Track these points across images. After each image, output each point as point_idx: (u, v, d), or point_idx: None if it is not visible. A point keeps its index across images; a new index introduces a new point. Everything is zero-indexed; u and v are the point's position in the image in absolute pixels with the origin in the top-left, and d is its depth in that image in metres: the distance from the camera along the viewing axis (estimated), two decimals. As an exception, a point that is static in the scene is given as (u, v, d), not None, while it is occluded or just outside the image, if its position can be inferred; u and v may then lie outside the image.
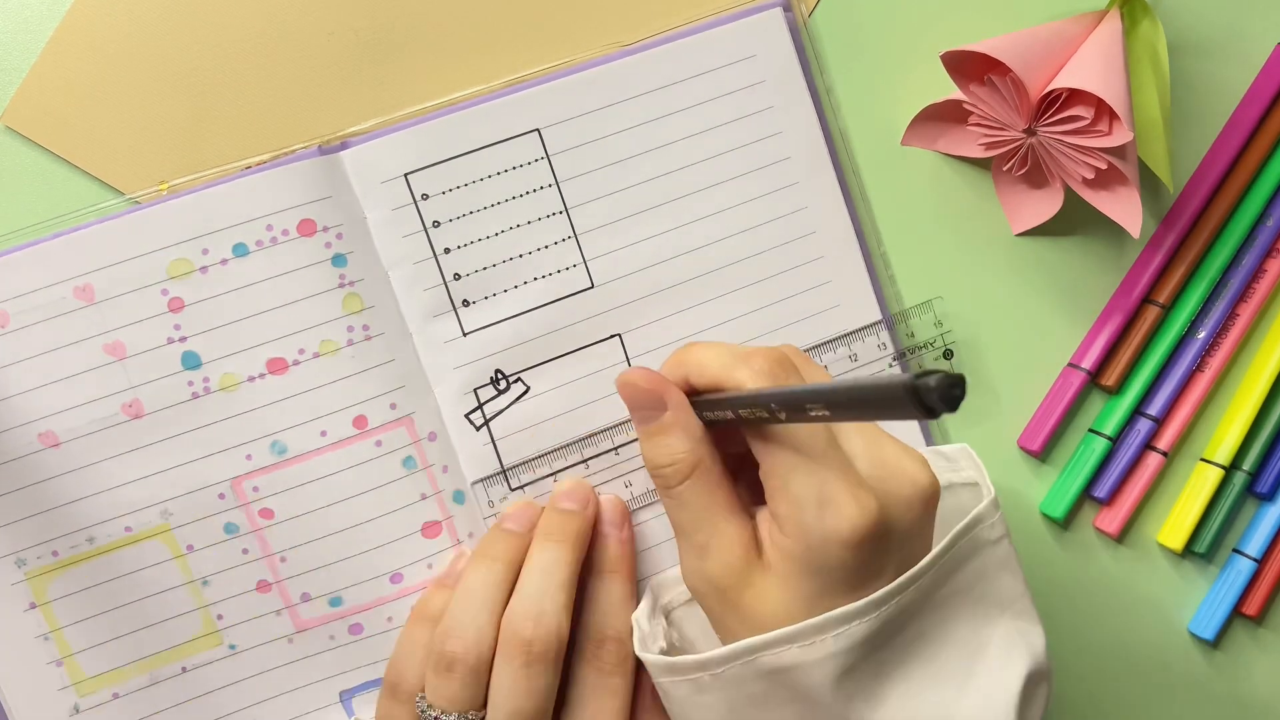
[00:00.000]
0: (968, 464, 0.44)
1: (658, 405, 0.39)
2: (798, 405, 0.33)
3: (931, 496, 0.37)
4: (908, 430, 0.47)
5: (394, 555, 0.44)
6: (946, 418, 0.48)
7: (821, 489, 0.35)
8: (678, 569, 0.45)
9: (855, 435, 0.37)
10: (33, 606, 0.43)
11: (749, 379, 0.37)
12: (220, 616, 0.44)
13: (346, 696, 0.44)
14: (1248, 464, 0.49)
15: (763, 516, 0.38)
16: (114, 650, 0.43)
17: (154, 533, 0.43)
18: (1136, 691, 0.50)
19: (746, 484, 0.40)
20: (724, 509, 0.38)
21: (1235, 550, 0.49)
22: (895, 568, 0.37)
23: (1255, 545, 0.49)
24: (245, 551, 0.43)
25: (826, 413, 0.32)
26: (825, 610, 0.36)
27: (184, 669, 0.44)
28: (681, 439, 0.39)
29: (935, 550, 0.38)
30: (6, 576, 0.43)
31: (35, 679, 0.43)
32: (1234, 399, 0.49)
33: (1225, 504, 0.49)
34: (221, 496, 0.43)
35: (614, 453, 0.46)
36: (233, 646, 0.44)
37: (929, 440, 0.48)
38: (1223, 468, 0.49)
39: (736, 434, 0.38)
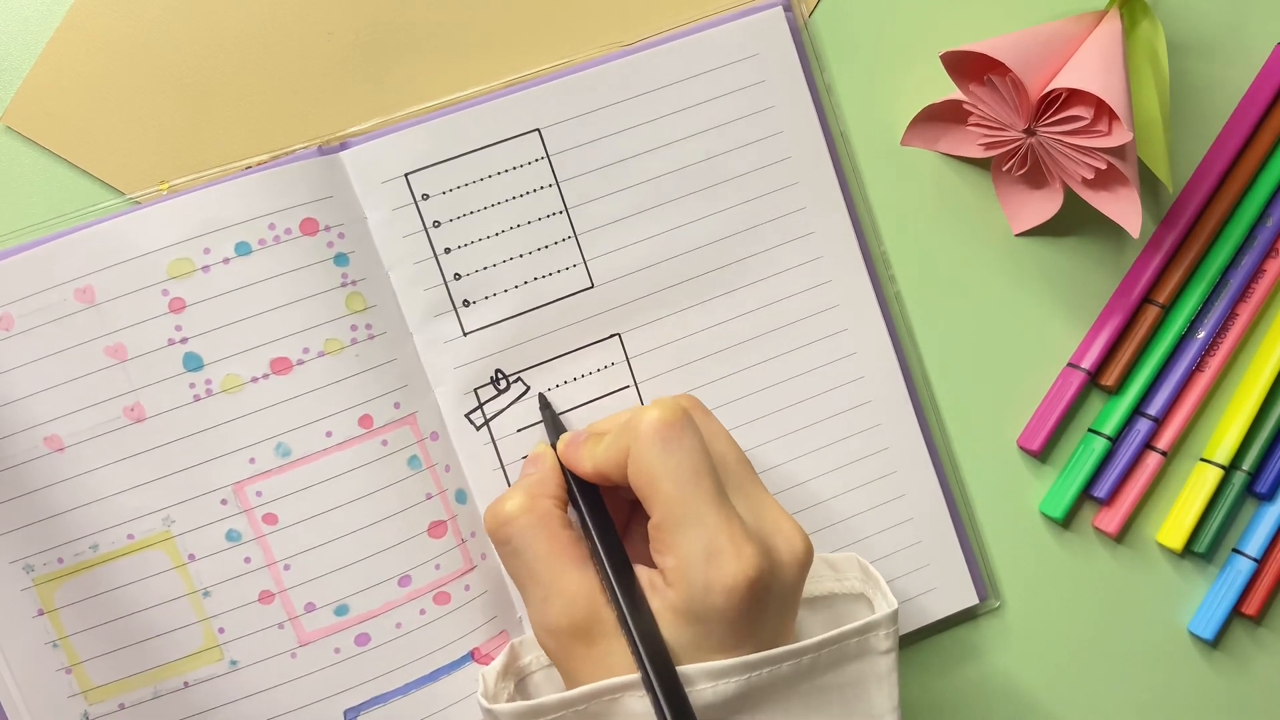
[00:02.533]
0: (854, 575, 0.44)
1: (536, 465, 0.42)
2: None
3: (807, 560, 0.38)
4: (908, 429, 0.48)
5: (401, 557, 0.44)
6: (946, 417, 0.48)
7: (709, 541, 0.36)
8: None
9: (740, 494, 0.38)
10: (41, 613, 0.43)
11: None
12: (221, 630, 0.43)
13: (351, 715, 0.43)
14: (1247, 464, 0.49)
15: (646, 570, 0.38)
16: (119, 660, 0.43)
17: (155, 540, 0.43)
18: (1136, 691, 0.50)
19: (640, 534, 0.41)
20: (566, 560, 0.39)
21: (1235, 550, 0.50)
22: (770, 632, 0.37)
23: (1255, 545, 0.49)
24: (248, 560, 0.43)
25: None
26: (697, 662, 0.36)
27: (185, 684, 0.43)
28: (528, 484, 0.40)
29: (825, 635, 0.38)
30: (16, 582, 0.43)
31: (46, 685, 0.43)
32: (1233, 399, 0.49)
33: (1225, 504, 0.49)
34: (224, 502, 0.43)
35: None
36: (234, 663, 0.43)
37: (928, 440, 0.48)
38: (1222, 467, 0.49)
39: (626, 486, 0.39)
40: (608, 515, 0.40)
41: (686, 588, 0.36)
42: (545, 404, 0.45)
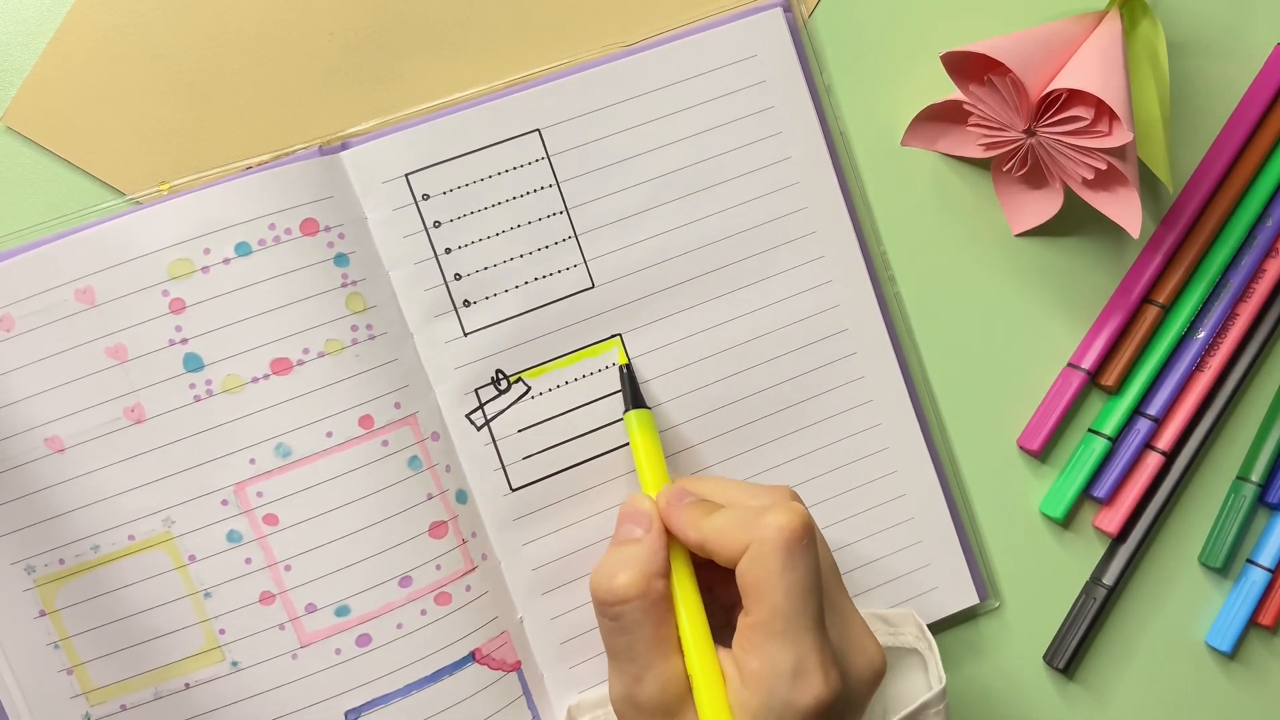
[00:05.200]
0: (909, 630, 0.45)
1: (643, 525, 0.41)
2: None
3: (880, 679, 0.40)
4: (908, 429, 0.48)
5: (402, 558, 0.44)
6: (946, 417, 0.48)
7: (800, 661, 0.36)
8: (599, 689, 0.46)
9: (830, 606, 0.39)
10: (42, 614, 0.43)
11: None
12: (222, 631, 0.43)
13: (353, 716, 0.43)
14: (1257, 475, 0.49)
15: (725, 654, 0.39)
16: (120, 662, 0.43)
17: (156, 541, 0.43)
18: (1137, 692, 0.50)
19: (721, 604, 0.41)
20: (668, 647, 0.39)
21: (1249, 561, 0.50)
22: None
23: (1269, 555, 0.49)
24: (248, 561, 0.43)
25: None
26: None
27: (186, 685, 0.43)
28: (642, 559, 0.40)
29: None
30: (17, 583, 0.43)
31: (48, 687, 0.43)
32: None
33: (1238, 515, 0.49)
34: (224, 503, 0.43)
35: (614, 452, 0.46)
36: (235, 664, 0.43)
37: (928, 440, 0.48)
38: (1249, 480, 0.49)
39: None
40: (698, 594, 0.40)
41: (766, 696, 0.37)
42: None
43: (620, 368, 0.45)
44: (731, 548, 0.38)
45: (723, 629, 0.40)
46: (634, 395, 0.45)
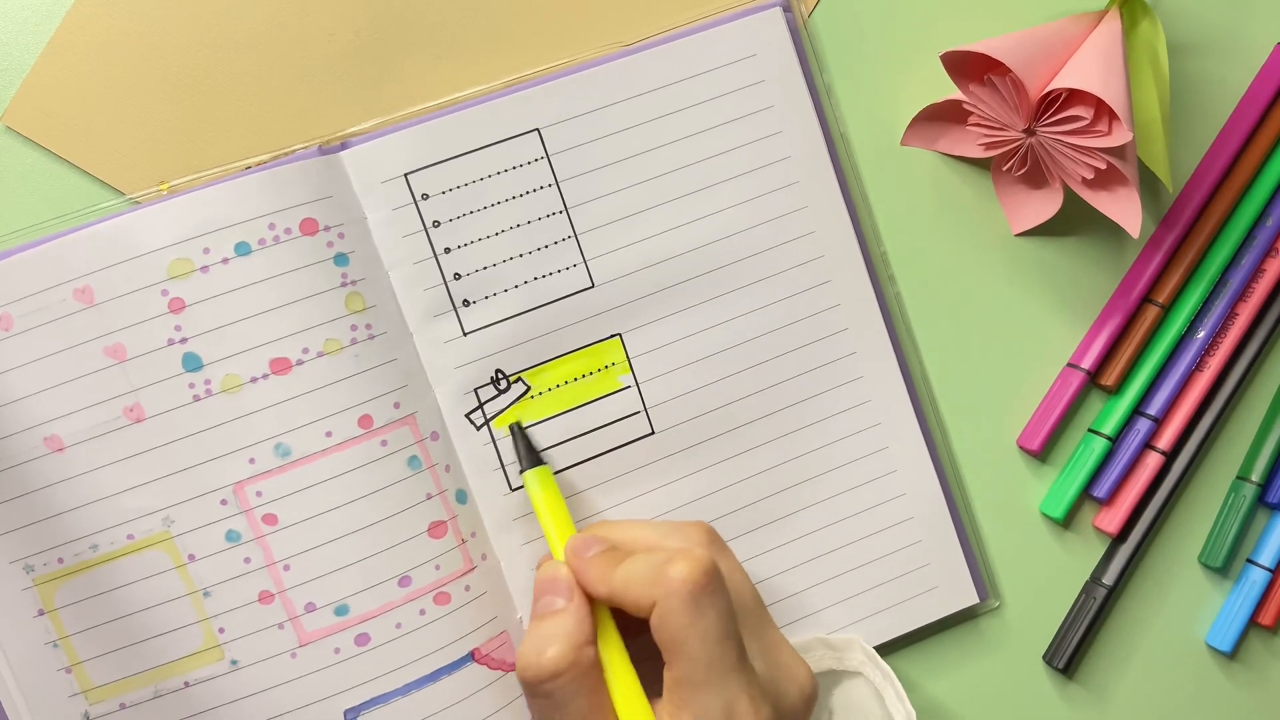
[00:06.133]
0: (855, 655, 0.45)
1: (564, 594, 0.40)
2: None
3: (813, 701, 0.40)
4: (908, 429, 0.48)
5: (402, 557, 0.43)
6: (946, 417, 0.48)
7: (729, 705, 0.37)
8: None
9: (754, 637, 0.39)
10: (41, 613, 0.43)
11: (688, 547, 0.39)
12: (222, 630, 0.43)
13: (352, 715, 0.43)
14: (1257, 475, 0.49)
15: (664, 709, 0.38)
16: (119, 660, 0.43)
17: (155, 541, 0.43)
18: (1153, 704, 0.50)
19: (645, 653, 0.41)
20: (604, 715, 0.39)
21: (1249, 561, 0.50)
22: None
23: (1269, 555, 0.49)
24: (247, 560, 0.43)
25: None
26: None
27: (186, 684, 0.43)
28: (568, 630, 0.39)
29: None
30: (16, 582, 0.42)
31: (46, 685, 0.43)
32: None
33: (1238, 515, 0.49)
34: (224, 503, 0.43)
35: (614, 452, 0.46)
36: (234, 662, 0.43)
37: (928, 440, 0.48)
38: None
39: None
40: (625, 655, 0.40)
41: None
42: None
43: (510, 426, 0.45)
44: (640, 603, 0.38)
45: (655, 677, 0.39)
46: (529, 453, 0.45)
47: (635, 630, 0.40)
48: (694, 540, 0.40)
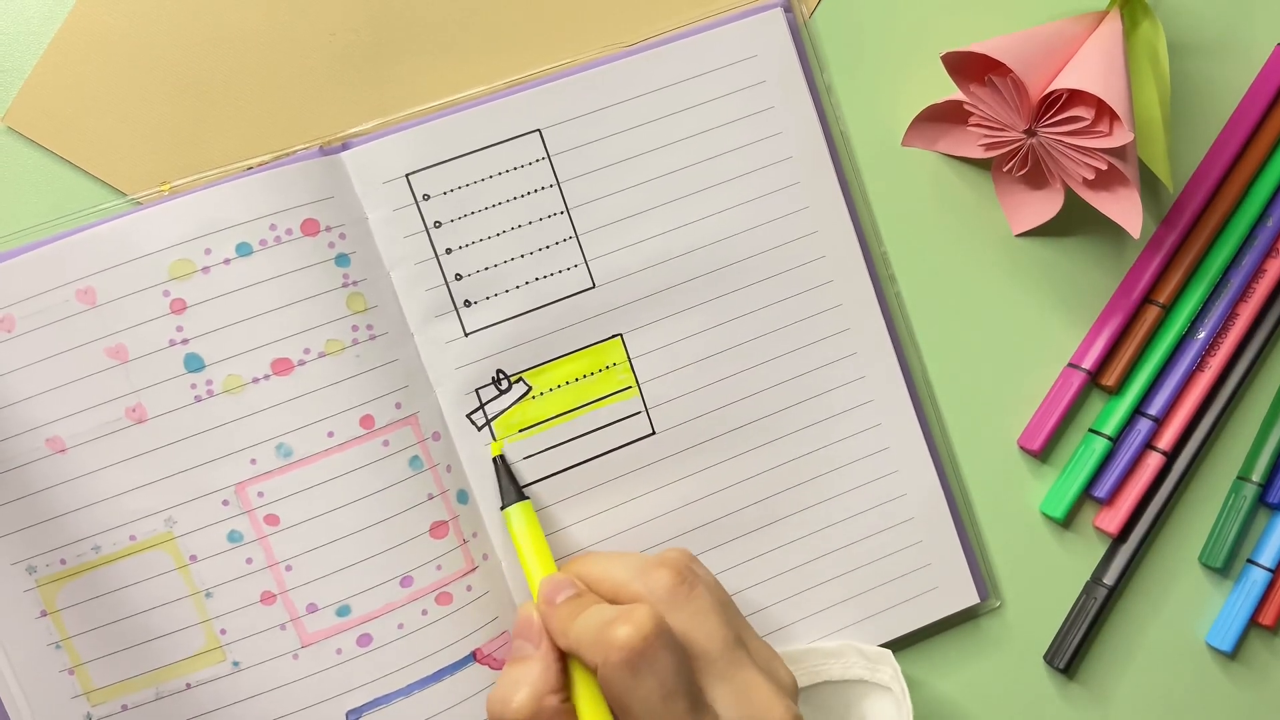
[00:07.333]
0: (887, 671, 0.45)
1: (534, 640, 0.41)
2: None
3: None
4: (908, 429, 0.48)
5: (403, 557, 0.43)
6: (946, 417, 0.48)
7: None
8: None
9: (723, 682, 0.38)
10: (43, 614, 0.43)
11: (647, 594, 0.39)
12: (223, 631, 0.43)
13: (354, 716, 0.43)
14: (1258, 475, 0.49)
15: None
16: (120, 662, 0.43)
17: (157, 542, 0.43)
18: (1154, 704, 0.50)
19: None
20: None
21: (1250, 561, 0.50)
22: None
23: (1269, 555, 0.49)
24: (249, 561, 0.43)
25: None
26: None
27: (188, 685, 0.43)
28: (533, 678, 0.39)
29: None
30: (18, 584, 0.42)
31: (49, 686, 0.43)
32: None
33: (1239, 515, 0.49)
34: (225, 503, 0.43)
35: (614, 452, 0.46)
36: (236, 663, 0.43)
37: (928, 440, 0.48)
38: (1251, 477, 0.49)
39: None
40: (600, 698, 0.40)
41: None
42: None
43: (495, 459, 0.45)
44: (590, 662, 0.38)
45: None
46: (511, 487, 0.45)
47: None
48: (656, 584, 0.39)
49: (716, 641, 0.39)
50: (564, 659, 0.40)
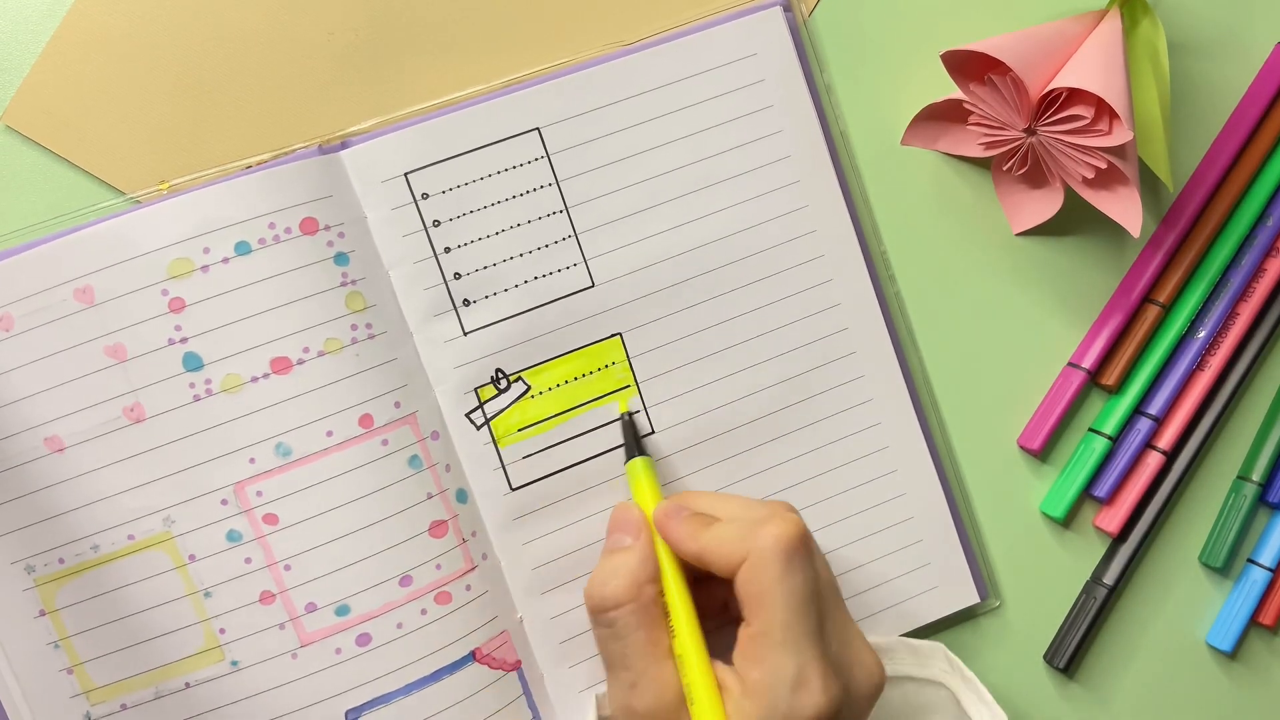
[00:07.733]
0: (939, 664, 0.46)
1: (632, 533, 0.42)
2: None
3: (879, 693, 0.40)
4: (908, 428, 0.48)
5: (402, 557, 0.43)
6: (946, 417, 0.48)
7: (800, 670, 0.37)
8: None
9: (831, 620, 0.39)
10: (42, 614, 0.43)
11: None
12: (222, 630, 0.43)
13: (353, 715, 0.43)
14: (1258, 474, 0.49)
15: (724, 669, 0.39)
16: (120, 661, 0.43)
17: (156, 541, 0.43)
18: (1154, 704, 0.50)
19: (715, 616, 0.42)
20: (661, 652, 0.40)
21: (1250, 560, 0.50)
22: None
23: (1269, 555, 0.49)
24: (248, 560, 0.43)
25: None
26: None
27: (187, 684, 0.43)
28: (631, 566, 0.41)
29: None
30: (17, 583, 0.43)
31: (48, 686, 0.43)
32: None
33: (1239, 515, 0.49)
34: (224, 503, 0.43)
35: (614, 451, 0.46)
36: (235, 663, 0.43)
37: (928, 439, 0.48)
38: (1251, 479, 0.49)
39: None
40: (691, 603, 0.41)
41: (768, 707, 0.37)
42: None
43: (622, 416, 0.46)
44: (729, 559, 0.39)
45: (715, 645, 0.40)
46: (636, 444, 0.45)
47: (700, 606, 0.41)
48: (781, 511, 0.40)
49: (827, 581, 0.40)
50: (658, 556, 0.41)
